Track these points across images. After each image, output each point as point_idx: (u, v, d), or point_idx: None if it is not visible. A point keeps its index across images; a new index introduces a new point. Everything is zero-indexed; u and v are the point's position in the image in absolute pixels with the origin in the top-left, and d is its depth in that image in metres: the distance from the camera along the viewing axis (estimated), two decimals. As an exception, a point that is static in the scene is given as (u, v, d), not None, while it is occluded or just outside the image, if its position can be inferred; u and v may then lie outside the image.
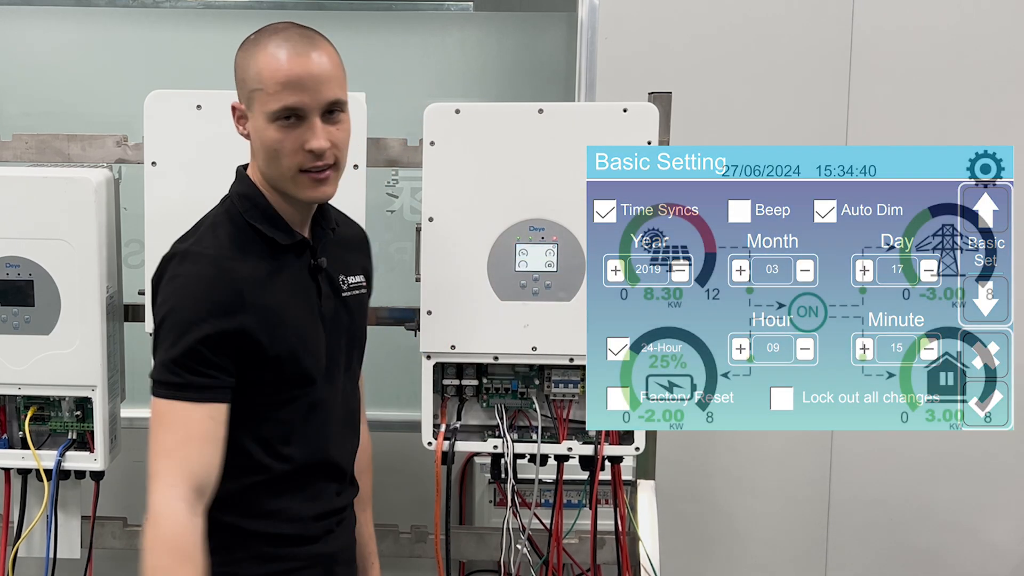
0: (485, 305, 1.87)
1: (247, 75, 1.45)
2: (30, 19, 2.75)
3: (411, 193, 2.65)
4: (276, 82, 1.40)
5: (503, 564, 1.96)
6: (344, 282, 1.58)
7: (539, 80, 2.72)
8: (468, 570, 2.36)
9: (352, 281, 1.60)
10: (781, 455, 2.63)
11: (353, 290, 1.60)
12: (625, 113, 1.86)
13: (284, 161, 1.43)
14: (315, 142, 1.41)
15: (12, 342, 1.89)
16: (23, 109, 2.72)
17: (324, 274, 1.55)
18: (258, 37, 1.45)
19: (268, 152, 1.44)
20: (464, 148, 1.86)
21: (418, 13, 2.77)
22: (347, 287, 1.59)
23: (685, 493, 2.61)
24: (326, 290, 1.55)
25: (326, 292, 1.55)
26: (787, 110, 2.54)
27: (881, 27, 2.53)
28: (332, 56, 1.45)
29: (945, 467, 2.63)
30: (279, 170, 1.44)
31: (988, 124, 2.52)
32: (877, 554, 2.68)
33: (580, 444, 1.94)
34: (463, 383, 1.94)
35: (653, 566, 1.94)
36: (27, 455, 1.95)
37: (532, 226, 1.87)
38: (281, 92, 1.40)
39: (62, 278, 1.88)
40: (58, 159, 2.02)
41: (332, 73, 1.43)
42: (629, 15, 2.53)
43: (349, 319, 1.59)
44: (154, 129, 1.89)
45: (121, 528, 2.11)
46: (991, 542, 2.68)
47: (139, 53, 2.71)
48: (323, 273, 1.54)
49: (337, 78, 1.44)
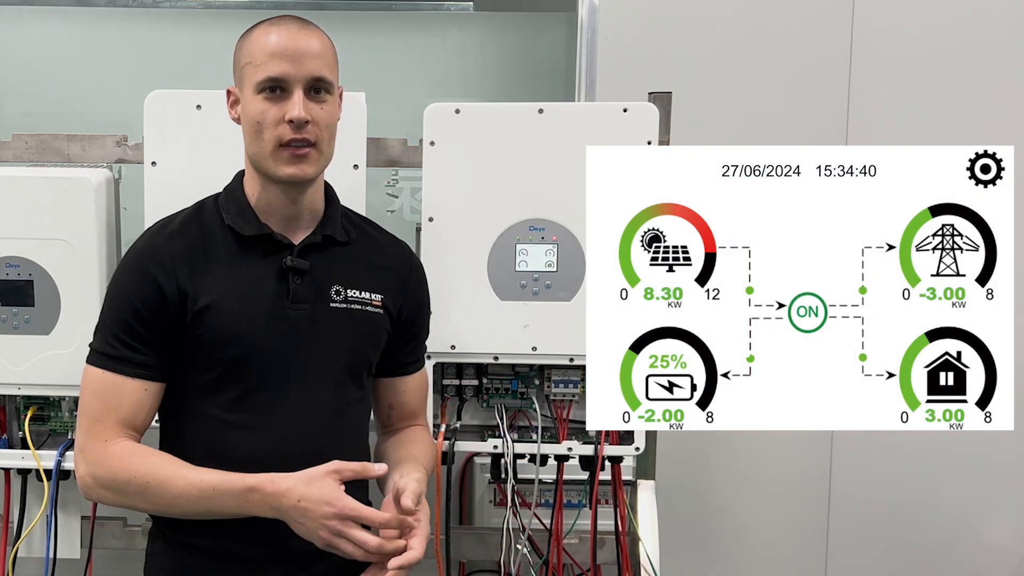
0: (485, 305, 1.87)
1: (240, 54, 1.51)
2: (30, 19, 2.76)
3: (411, 193, 2.65)
4: (264, 53, 1.46)
5: (503, 564, 1.96)
6: (339, 293, 1.56)
7: (539, 80, 2.72)
8: (468, 570, 2.35)
9: (352, 295, 1.57)
10: (781, 455, 2.63)
11: (350, 303, 1.57)
12: (625, 113, 1.86)
13: (266, 134, 1.47)
14: (294, 111, 1.45)
15: (12, 342, 1.89)
16: (23, 109, 2.72)
17: (305, 278, 1.53)
18: (258, 25, 1.51)
19: (252, 126, 1.48)
20: (464, 148, 1.86)
21: (418, 13, 2.77)
22: (341, 298, 1.56)
23: (685, 493, 2.61)
24: (303, 294, 1.52)
25: (302, 296, 1.52)
26: (787, 110, 2.54)
27: (881, 27, 2.53)
28: (323, 39, 1.51)
29: (945, 467, 2.63)
30: (261, 145, 1.48)
31: (988, 124, 2.52)
32: (877, 553, 2.68)
33: (580, 444, 1.94)
34: (463, 383, 1.94)
35: (653, 566, 1.94)
36: (27, 455, 1.94)
37: (532, 226, 1.87)
38: (267, 62, 1.46)
39: (62, 278, 1.88)
40: (58, 159, 2.02)
41: (319, 52, 1.48)
42: (629, 15, 2.53)
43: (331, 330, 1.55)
44: (154, 129, 1.89)
45: (121, 528, 2.11)
46: (991, 542, 2.68)
47: (139, 53, 2.71)
48: (302, 276, 1.52)
49: (325, 59, 1.49)
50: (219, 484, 1.43)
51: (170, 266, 1.50)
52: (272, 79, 1.46)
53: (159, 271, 1.49)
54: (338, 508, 1.38)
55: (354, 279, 1.58)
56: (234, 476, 1.44)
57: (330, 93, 1.51)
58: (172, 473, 1.45)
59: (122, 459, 1.47)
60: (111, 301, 1.54)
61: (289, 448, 1.51)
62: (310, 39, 1.48)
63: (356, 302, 1.58)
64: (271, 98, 1.46)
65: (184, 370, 1.53)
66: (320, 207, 1.59)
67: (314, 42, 1.48)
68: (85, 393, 1.52)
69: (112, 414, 1.49)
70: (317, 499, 1.39)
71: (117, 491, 1.49)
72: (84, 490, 1.54)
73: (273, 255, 1.53)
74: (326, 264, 1.56)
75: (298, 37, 1.47)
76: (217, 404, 1.52)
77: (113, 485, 1.48)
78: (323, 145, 1.50)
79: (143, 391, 1.51)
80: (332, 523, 1.39)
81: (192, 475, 1.45)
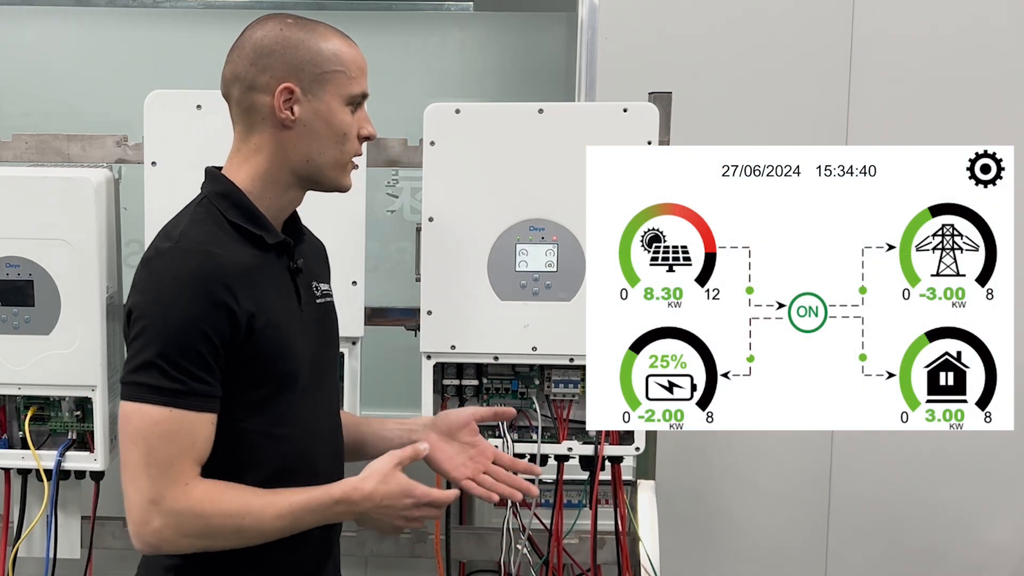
0: (485, 305, 1.87)
1: (319, 57, 1.43)
2: (30, 19, 2.76)
3: (411, 193, 2.65)
4: (356, 67, 1.46)
5: (503, 564, 1.96)
6: (317, 288, 1.55)
7: (539, 80, 2.73)
8: (468, 570, 2.35)
9: (324, 288, 1.57)
10: (781, 455, 2.63)
11: (326, 297, 1.57)
12: (625, 113, 1.86)
13: (349, 146, 1.46)
14: (372, 128, 1.49)
15: (12, 342, 1.89)
16: (23, 109, 2.72)
17: (303, 278, 1.51)
18: (309, 23, 1.47)
19: (336, 136, 1.45)
20: (464, 148, 1.86)
21: (418, 13, 2.77)
22: (320, 293, 1.55)
23: (685, 493, 2.61)
24: (306, 296, 1.51)
25: (306, 298, 1.51)
26: (787, 110, 2.54)
27: (881, 27, 2.53)
28: None
29: (945, 467, 2.63)
30: (339, 155, 1.46)
31: (988, 124, 2.52)
32: (877, 553, 2.68)
33: (580, 444, 1.94)
34: (463, 383, 1.94)
35: (653, 566, 1.94)
36: (27, 455, 1.95)
37: (532, 226, 1.87)
38: (360, 77, 1.47)
39: (62, 278, 1.88)
40: (58, 159, 2.02)
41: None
42: (629, 15, 2.53)
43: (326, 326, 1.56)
44: (154, 129, 1.89)
45: (121, 528, 2.10)
46: (991, 542, 2.68)
47: (139, 53, 2.71)
48: (302, 276, 1.51)
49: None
50: (309, 503, 1.38)
51: (234, 286, 1.37)
52: (364, 95, 1.47)
53: (226, 294, 1.35)
54: (417, 496, 1.42)
55: (319, 272, 1.59)
56: (318, 492, 1.40)
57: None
58: (263, 503, 1.37)
59: (212, 501, 1.35)
60: (173, 330, 1.34)
61: (315, 452, 1.49)
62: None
63: (327, 294, 1.58)
64: (354, 112, 1.47)
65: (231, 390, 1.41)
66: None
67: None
68: (148, 435, 1.34)
69: (188, 455, 1.35)
70: (397, 494, 1.41)
71: (209, 536, 1.36)
72: (159, 544, 1.36)
73: (282, 258, 1.48)
74: (304, 261, 1.54)
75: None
76: (263, 419, 1.43)
77: (206, 531, 1.35)
78: None
79: (211, 424, 1.37)
80: (411, 511, 1.43)
81: (280, 501, 1.38)
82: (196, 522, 1.34)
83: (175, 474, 1.33)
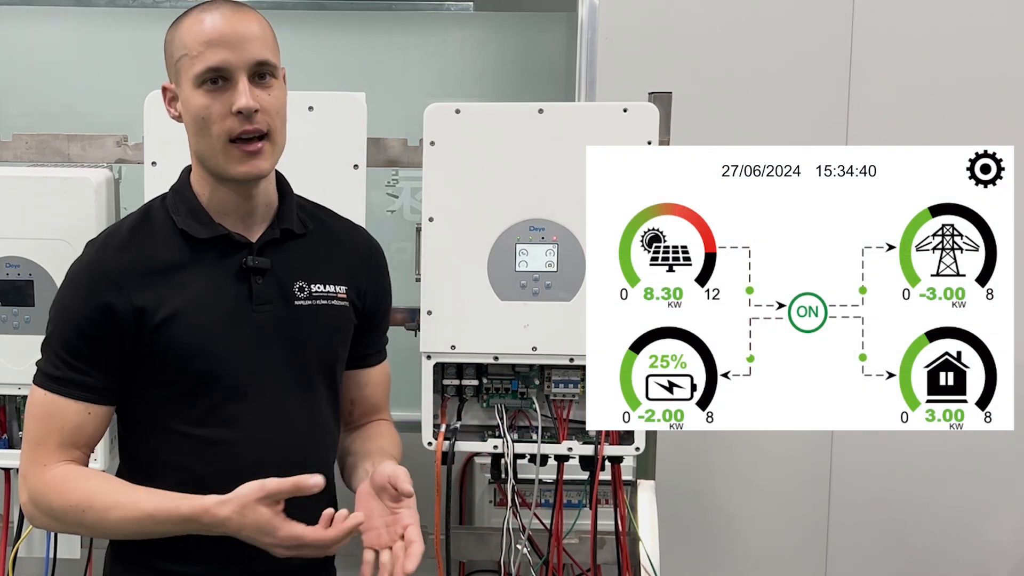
0: (485, 305, 1.87)
1: (172, 47, 1.41)
2: (30, 19, 2.75)
3: (411, 193, 2.65)
4: (200, 42, 1.36)
5: (503, 564, 1.96)
6: (302, 289, 1.48)
7: (539, 80, 2.72)
8: (468, 570, 2.36)
9: (316, 290, 1.50)
10: (781, 455, 2.63)
11: (316, 299, 1.49)
12: (625, 113, 1.86)
13: (213, 129, 1.37)
14: (241, 100, 1.35)
15: (12, 342, 1.89)
16: (23, 109, 2.72)
17: (266, 277, 1.45)
18: (186, 12, 1.42)
19: (196, 123, 1.39)
20: (464, 148, 1.86)
21: (418, 13, 2.77)
22: (305, 295, 1.48)
23: (685, 493, 2.61)
24: (267, 295, 1.45)
25: (266, 297, 1.45)
26: (787, 110, 2.54)
27: (881, 27, 2.53)
28: (260, 20, 1.41)
29: (945, 467, 2.63)
30: (209, 142, 1.38)
31: (988, 124, 2.52)
32: (877, 554, 2.68)
33: (580, 444, 1.94)
34: (463, 383, 1.94)
35: (653, 566, 1.94)
36: (27, 455, 1.94)
37: (532, 226, 1.87)
38: (205, 52, 1.35)
39: (62, 278, 1.87)
40: (58, 159, 2.02)
41: (259, 34, 1.39)
42: (629, 15, 2.53)
43: (299, 330, 1.48)
44: (154, 129, 1.89)
45: (121, 528, 2.11)
46: (991, 542, 2.68)
47: (139, 53, 2.71)
48: (263, 276, 1.45)
49: (265, 40, 1.39)
50: (156, 513, 1.34)
51: (121, 282, 1.39)
52: (212, 69, 1.35)
53: (109, 288, 1.39)
54: (279, 539, 1.31)
55: (317, 272, 1.51)
56: (167, 504, 1.35)
57: (275, 77, 1.41)
58: (110, 502, 1.36)
59: (57, 487, 1.38)
60: (55, 319, 1.43)
61: (266, 457, 1.43)
62: (248, 21, 1.38)
63: (322, 297, 1.50)
64: (213, 90, 1.36)
65: (145, 387, 1.43)
66: (275, 200, 1.50)
67: (252, 24, 1.38)
68: (27, 415, 1.44)
69: (52, 438, 1.40)
70: (255, 529, 1.31)
71: (56, 520, 1.41)
72: (28, 518, 1.46)
73: (231, 256, 1.44)
74: (287, 260, 1.48)
75: (234, 20, 1.36)
76: (184, 420, 1.42)
77: (51, 513, 1.40)
78: (276, 135, 1.41)
79: (86, 414, 1.41)
80: (280, 551, 1.33)
81: (127, 503, 1.36)
82: (43, 504, 1.40)
83: (39, 455, 1.40)
